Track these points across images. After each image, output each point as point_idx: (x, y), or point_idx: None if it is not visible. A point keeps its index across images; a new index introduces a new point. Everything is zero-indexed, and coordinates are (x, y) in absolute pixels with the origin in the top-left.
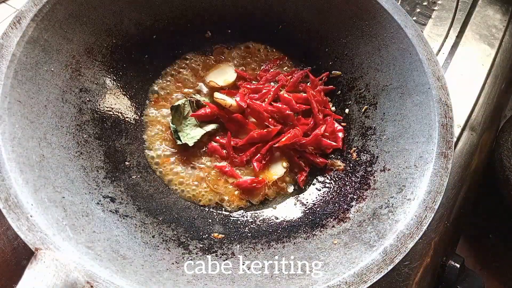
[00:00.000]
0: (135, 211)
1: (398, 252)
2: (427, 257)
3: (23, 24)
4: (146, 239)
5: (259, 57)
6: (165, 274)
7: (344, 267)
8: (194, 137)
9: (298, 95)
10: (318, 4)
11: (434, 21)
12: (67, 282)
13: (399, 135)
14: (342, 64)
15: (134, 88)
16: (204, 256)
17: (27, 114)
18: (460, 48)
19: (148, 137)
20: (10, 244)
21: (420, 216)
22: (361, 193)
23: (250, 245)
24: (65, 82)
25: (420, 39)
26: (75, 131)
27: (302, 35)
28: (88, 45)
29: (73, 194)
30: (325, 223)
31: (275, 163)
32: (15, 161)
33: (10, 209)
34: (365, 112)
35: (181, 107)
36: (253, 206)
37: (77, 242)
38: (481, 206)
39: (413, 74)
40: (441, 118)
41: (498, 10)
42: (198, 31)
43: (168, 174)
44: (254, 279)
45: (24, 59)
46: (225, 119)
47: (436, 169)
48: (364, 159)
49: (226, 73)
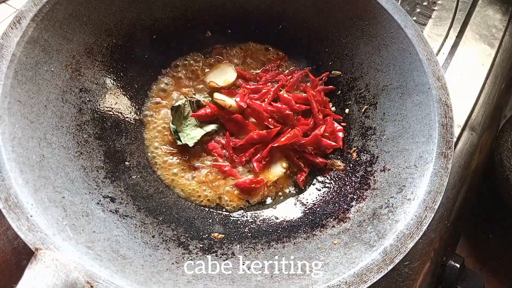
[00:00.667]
0: (135, 211)
1: (398, 252)
2: (427, 257)
3: (23, 24)
4: (146, 239)
5: (259, 57)
6: (165, 274)
7: (344, 267)
8: (194, 138)
9: (298, 95)
10: (318, 4)
11: (434, 21)
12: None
13: (399, 135)
14: (342, 64)
15: (134, 88)
16: (204, 256)
17: (27, 114)
18: (460, 48)
19: (148, 137)
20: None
21: (420, 216)
22: (361, 193)
23: (250, 245)
24: (65, 82)
25: (420, 39)
26: (75, 131)
27: (302, 35)
28: (88, 45)
29: (73, 194)
30: (325, 223)
31: (274, 164)
32: (15, 161)
33: (10, 209)
34: (365, 112)
35: (181, 108)
36: (253, 206)
37: (77, 242)
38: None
39: (413, 74)
40: (441, 118)
41: (498, 10)
42: (198, 31)
43: (168, 174)
44: (254, 279)
45: (24, 59)
46: (225, 119)
47: (436, 169)
48: (364, 159)
49: (226, 73)
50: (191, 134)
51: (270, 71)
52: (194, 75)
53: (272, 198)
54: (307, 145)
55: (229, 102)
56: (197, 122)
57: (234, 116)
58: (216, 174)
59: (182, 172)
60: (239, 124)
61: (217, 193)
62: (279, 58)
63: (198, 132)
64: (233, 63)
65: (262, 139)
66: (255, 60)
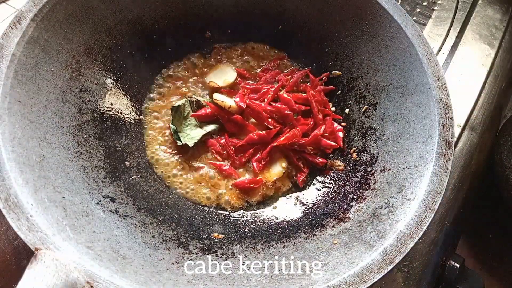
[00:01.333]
0: (135, 211)
1: (398, 252)
2: (427, 257)
3: (23, 24)
4: (146, 239)
5: (259, 57)
6: (165, 274)
7: (344, 267)
8: (194, 138)
9: (298, 95)
10: (318, 4)
11: (434, 21)
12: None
13: (399, 135)
14: (342, 64)
15: (134, 88)
16: (204, 256)
17: (27, 114)
18: (460, 48)
19: (148, 137)
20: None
21: (420, 216)
22: (361, 193)
23: (250, 245)
24: (65, 82)
25: (420, 39)
26: (75, 131)
27: (302, 35)
28: (88, 45)
29: (73, 194)
30: (325, 223)
31: (274, 164)
32: (15, 161)
33: (10, 209)
34: (365, 112)
35: (181, 108)
36: (253, 206)
37: (77, 242)
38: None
39: (413, 74)
40: (441, 118)
41: (498, 10)
42: (198, 31)
43: (168, 174)
44: (254, 279)
45: (24, 59)
46: (225, 119)
47: (436, 169)
48: (364, 159)
49: (226, 73)
50: (191, 134)
51: (270, 71)
52: (194, 75)
53: (272, 198)
54: (306, 145)
55: (229, 103)
56: (197, 122)
57: (233, 117)
58: (215, 174)
59: (182, 172)
60: (239, 125)
61: (217, 193)
62: (279, 58)
63: (198, 132)
64: (233, 63)
65: (261, 140)
66: (255, 60)
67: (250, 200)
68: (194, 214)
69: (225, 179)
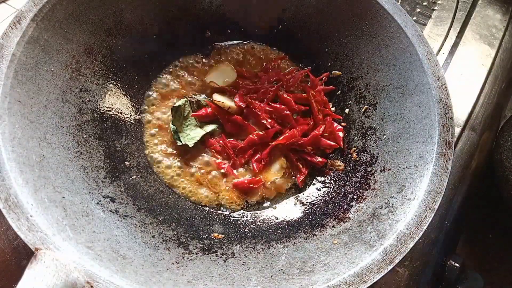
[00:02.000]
0: (135, 211)
1: (398, 252)
2: (427, 257)
3: (23, 24)
4: (146, 239)
5: (259, 57)
6: (165, 274)
7: (344, 267)
8: (194, 138)
9: (297, 95)
10: (318, 4)
11: (434, 21)
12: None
13: (399, 135)
14: (342, 64)
15: (134, 88)
16: (204, 256)
17: (27, 114)
18: (460, 48)
19: (148, 137)
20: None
21: (420, 216)
22: (361, 193)
23: (250, 245)
24: (65, 82)
25: (420, 39)
26: (75, 131)
27: (302, 35)
28: (88, 45)
29: (73, 194)
30: (325, 223)
31: (274, 164)
32: (15, 161)
33: (10, 209)
34: (365, 112)
35: (181, 108)
36: (253, 206)
37: (77, 242)
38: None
39: (413, 74)
40: (441, 118)
41: (498, 10)
42: (198, 31)
43: (168, 174)
44: (254, 279)
45: (24, 59)
46: (225, 120)
47: (436, 169)
48: (364, 159)
49: (226, 73)
50: (191, 135)
51: (270, 71)
52: (194, 75)
53: (272, 198)
54: (306, 145)
55: (228, 104)
56: (197, 122)
57: (233, 117)
58: (215, 174)
59: (182, 172)
60: (239, 125)
61: (217, 193)
62: (279, 58)
63: (198, 132)
64: (233, 63)
65: (261, 140)
66: (255, 60)
67: (249, 200)
68: (194, 214)
69: (225, 179)
